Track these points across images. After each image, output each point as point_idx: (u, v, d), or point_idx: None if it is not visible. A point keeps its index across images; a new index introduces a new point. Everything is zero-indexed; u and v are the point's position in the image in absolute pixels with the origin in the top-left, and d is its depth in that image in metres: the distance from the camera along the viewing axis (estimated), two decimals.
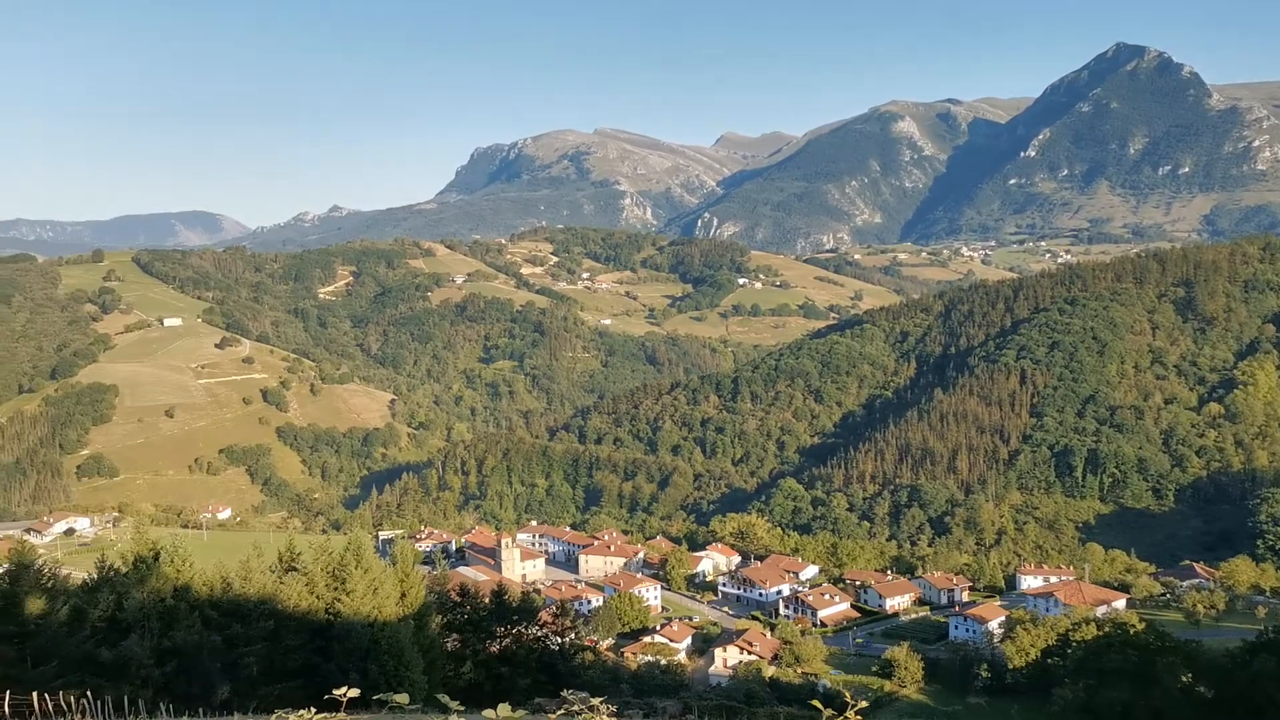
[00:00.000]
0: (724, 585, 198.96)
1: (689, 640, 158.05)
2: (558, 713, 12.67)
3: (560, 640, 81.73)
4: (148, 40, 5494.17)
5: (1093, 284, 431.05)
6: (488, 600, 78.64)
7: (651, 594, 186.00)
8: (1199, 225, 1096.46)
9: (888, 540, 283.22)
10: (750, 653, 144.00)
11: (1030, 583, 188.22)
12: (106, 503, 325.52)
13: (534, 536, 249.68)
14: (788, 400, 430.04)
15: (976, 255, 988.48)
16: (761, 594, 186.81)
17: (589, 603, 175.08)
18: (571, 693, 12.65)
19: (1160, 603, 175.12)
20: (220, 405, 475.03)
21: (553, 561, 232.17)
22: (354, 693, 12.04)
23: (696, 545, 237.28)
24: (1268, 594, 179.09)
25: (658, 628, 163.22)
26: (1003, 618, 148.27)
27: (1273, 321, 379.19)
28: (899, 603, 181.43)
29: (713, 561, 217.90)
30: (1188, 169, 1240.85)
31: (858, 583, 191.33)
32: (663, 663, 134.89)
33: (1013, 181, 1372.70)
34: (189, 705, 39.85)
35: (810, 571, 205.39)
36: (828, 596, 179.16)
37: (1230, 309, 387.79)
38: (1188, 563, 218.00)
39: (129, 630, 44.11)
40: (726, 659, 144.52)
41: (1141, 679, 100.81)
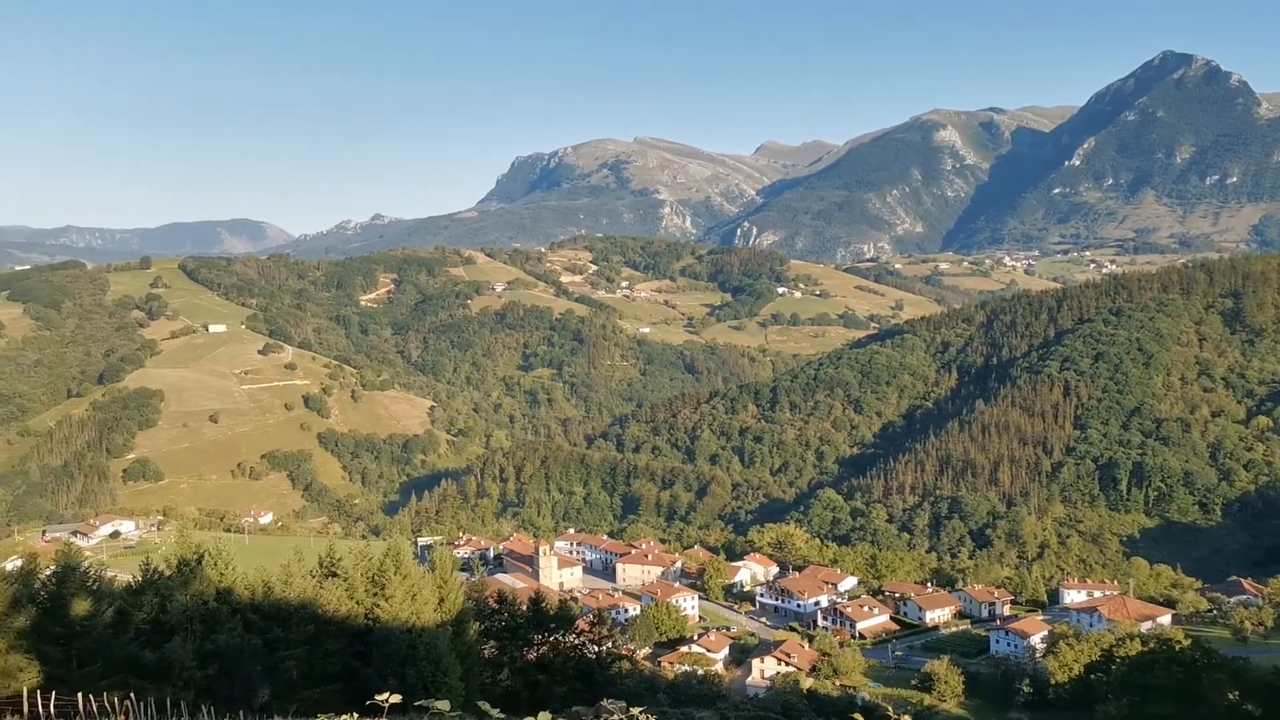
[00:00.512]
0: (762, 596, 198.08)
1: (726, 650, 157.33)
2: None
3: (597, 649, 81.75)
4: (196, 52, 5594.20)
5: (1138, 295, 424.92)
6: (525, 607, 78.74)
7: (689, 603, 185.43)
8: (1247, 235, 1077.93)
9: (928, 552, 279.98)
10: (788, 664, 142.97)
11: (1073, 597, 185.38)
12: (151, 506, 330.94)
13: (571, 544, 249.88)
14: (827, 410, 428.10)
15: (1019, 265, 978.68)
16: (799, 605, 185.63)
17: (626, 611, 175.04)
18: (611, 702, 12.65)
19: (1207, 619, 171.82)
20: (263, 411, 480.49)
21: (590, 570, 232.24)
22: (396, 698, 12.07)
23: (734, 555, 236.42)
24: None
25: (695, 637, 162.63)
26: (1045, 632, 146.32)
27: None
28: (939, 616, 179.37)
29: (750, 571, 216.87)
30: (1236, 178, 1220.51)
31: (897, 595, 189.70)
32: (700, 673, 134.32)
33: (1057, 191, 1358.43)
34: (230, 707, 40.17)
35: (849, 583, 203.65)
36: (866, 608, 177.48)
37: None
38: (1235, 578, 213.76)
39: (172, 632, 44.61)
40: (764, 670, 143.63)
41: (1187, 696, 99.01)
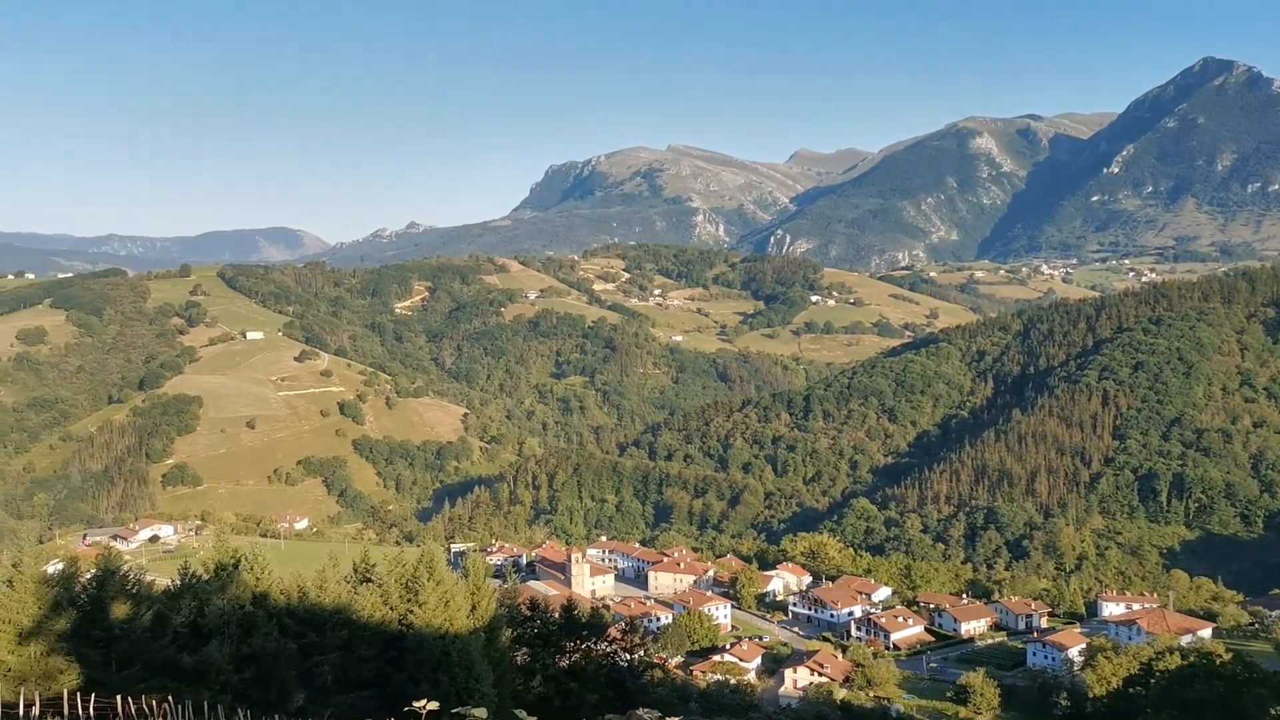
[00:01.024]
0: (794, 605, 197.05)
1: (759, 660, 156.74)
2: None
3: (629, 657, 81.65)
4: (234, 65, 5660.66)
5: (1179, 303, 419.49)
6: (557, 615, 78.73)
7: (721, 612, 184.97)
8: None
9: (963, 563, 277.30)
10: (821, 674, 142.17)
11: (1112, 609, 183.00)
12: (190, 511, 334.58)
13: (604, 552, 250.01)
14: (861, 419, 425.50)
15: (1057, 273, 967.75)
16: (833, 615, 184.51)
17: (658, 620, 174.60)
18: (646, 711, 12.59)
19: (1248, 633, 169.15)
20: (299, 417, 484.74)
21: (622, 577, 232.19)
22: (433, 705, 12.11)
23: (767, 564, 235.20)
24: None
25: (727, 646, 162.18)
26: (1083, 645, 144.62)
27: None
28: (974, 627, 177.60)
29: (783, 581, 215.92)
30: (1278, 186, 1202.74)
31: (932, 606, 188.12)
32: (732, 682, 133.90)
33: (1095, 198, 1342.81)
34: (265, 711, 40.52)
35: (883, 593, 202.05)
36: (901, 619, 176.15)
37: None
38: (1277, 592, 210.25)
39: (209, 636, 45.05)
40: (797, 680, 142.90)
41: (1228, 711, 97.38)
